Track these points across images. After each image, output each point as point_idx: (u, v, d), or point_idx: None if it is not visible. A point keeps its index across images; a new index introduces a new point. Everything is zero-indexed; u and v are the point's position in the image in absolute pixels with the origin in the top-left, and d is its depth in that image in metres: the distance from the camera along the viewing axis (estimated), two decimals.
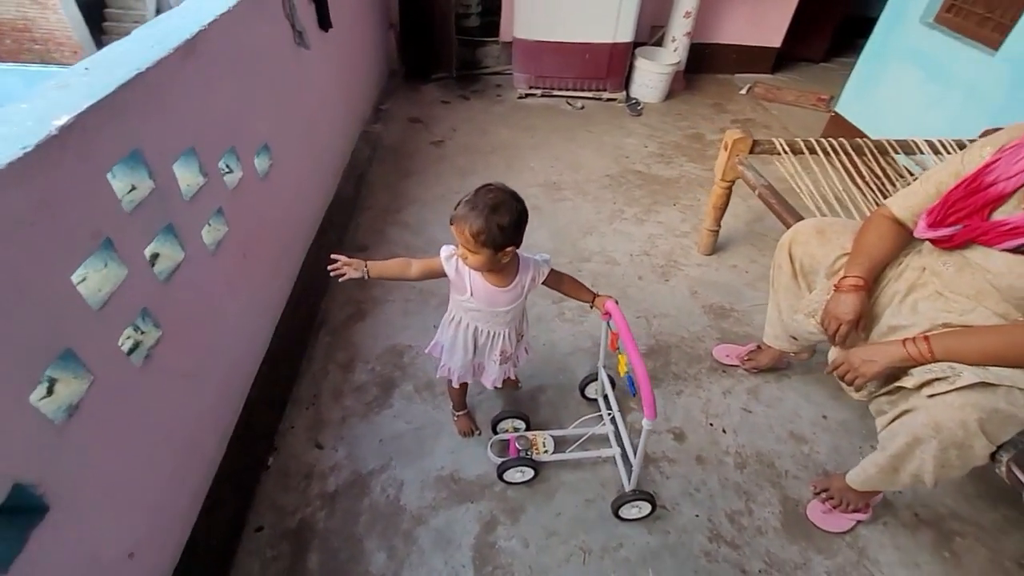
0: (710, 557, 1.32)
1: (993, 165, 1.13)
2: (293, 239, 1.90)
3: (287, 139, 1.80)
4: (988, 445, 1.01)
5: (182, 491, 1.18)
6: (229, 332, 1.38)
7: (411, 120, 3.33)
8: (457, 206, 1.09)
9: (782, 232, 2.47)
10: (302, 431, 1.54)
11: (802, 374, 1.80)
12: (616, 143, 3.21)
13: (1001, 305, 1.10)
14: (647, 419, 1.12)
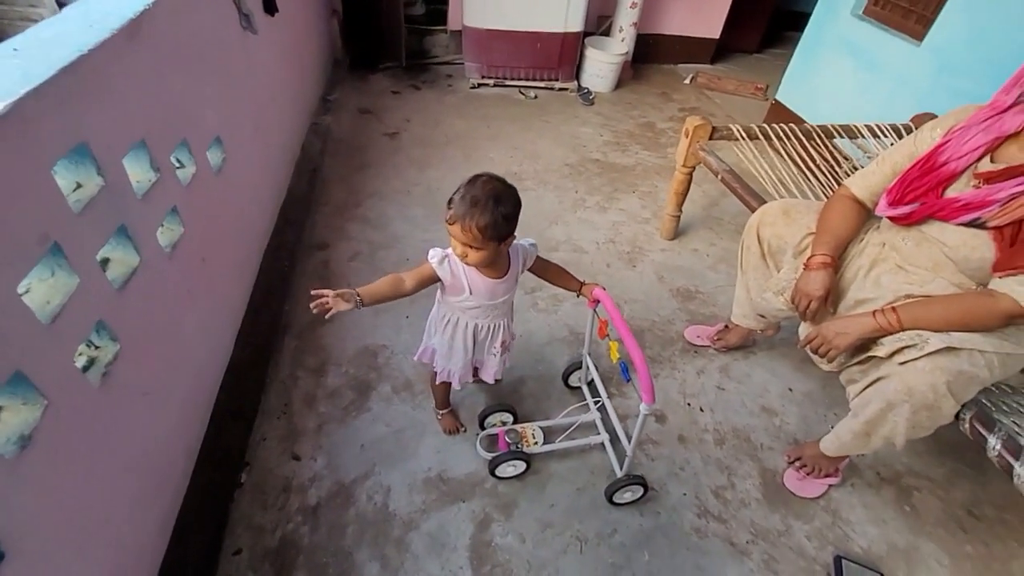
0: (700, 533, 1.36)
1: (944, 146, 1.21)
2: (250, 240, 1.78)
3: (238, 131, 1.67)
4: (955, 405, 1.09)
5: (149, 519, 1.07)
6: (190, 343, 1.26)
7: (361, 111, 3.20)
8: (451, 204, 1.04)
9: (737, 216, 2.61)
10: (275, 443, 1.44)
11: (767, 350, 1.89)
12: (572, 132, 3.22)
13: (957, 275, 1.19)
14: (645, 404, 1.12)
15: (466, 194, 1.03)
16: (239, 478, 1.34)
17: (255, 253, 1.82)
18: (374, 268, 2.06)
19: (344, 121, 3.07)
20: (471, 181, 1.05)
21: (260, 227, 1.90)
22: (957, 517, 1.46)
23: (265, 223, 1.96)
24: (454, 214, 1.03)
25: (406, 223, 2.33)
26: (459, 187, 1.06)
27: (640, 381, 1.10)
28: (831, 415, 1.69)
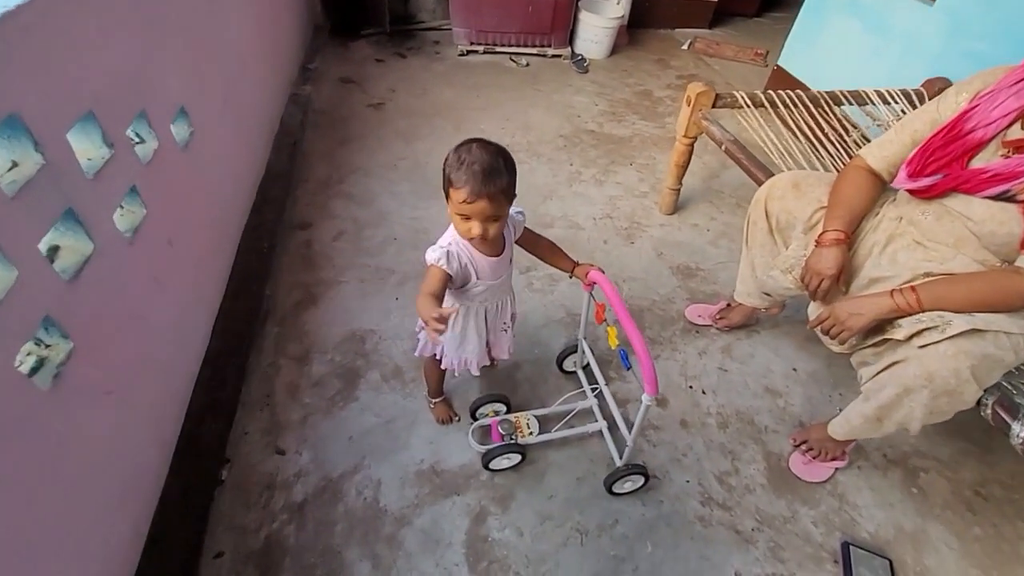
0: (704, 522, 1.31)
1: (971, 112, 1.12)
2: (225, 220, 1.67)
3: (207, 102, 1.54)
4: (978, 390, 1.03)
5: (119, 526, 1.00)
6: (159, 334, 1.17)
7: (343, 80, 3.03)
8: (457, 184, 0.94)
9: (739, 188, 2.51)
10: (258, 437, 1.37)
11: (771, 329, 1.82)
12: (566, 102, 3.08)
13: (980, 252, 1.11)
14: (648, 395, 1.05)
15: (472, 164, 0.93)
16: (220, 475, 1.27)
17: (231, 234, 1.71)
18: (359, 248, 1.96)
19: (325, 91, 2.90)
20: (463, 152, 0.95)
21: (236, 206, 1.78)
22: (965, 498, 1.42)
23: (242, 202, 1.84)
24: (472, 191, 0.92)
25: (393, 199, 2.22)
26: (450, 164, 0.96)
27: (643, 371, 1.03)
28: (836, 395, 1.63)
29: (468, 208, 0.95)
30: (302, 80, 2.87)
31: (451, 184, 0.95)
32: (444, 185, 0.99)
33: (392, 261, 1.92)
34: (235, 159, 1.79)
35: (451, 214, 1.01)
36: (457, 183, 0.94)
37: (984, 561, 1.29)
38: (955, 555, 1.30)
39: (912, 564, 1.28)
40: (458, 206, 0.96)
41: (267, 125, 2.24)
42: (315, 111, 2.72)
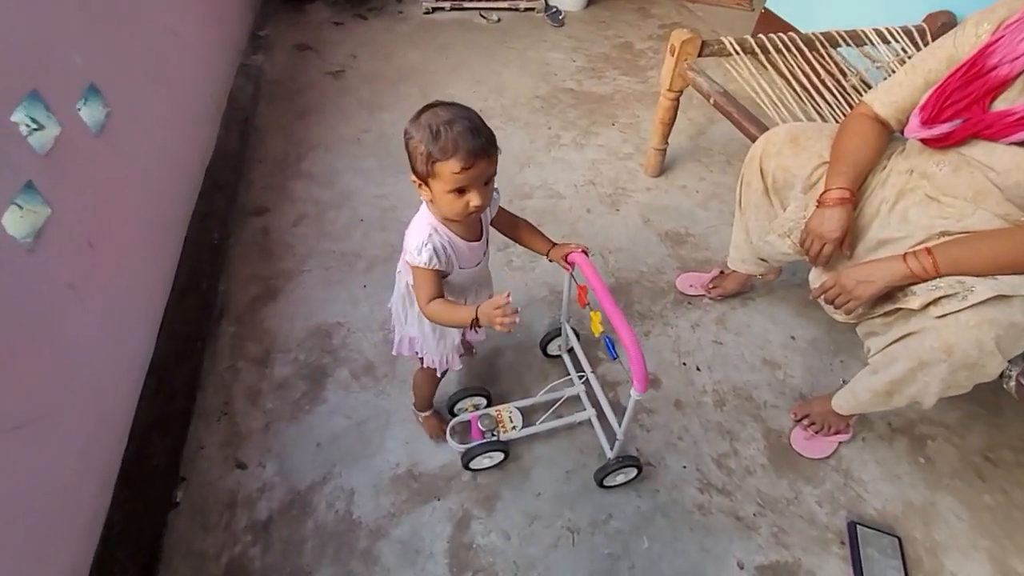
0: (704, 510, 1.23)
1: (994, 46, 0.98)
2: (165, 211, 1.50)
3: (126, 77, 1.35)
4: (1002, 363, 0.93)
5: (51, 570, 0.88)
6: (82, 349, 1.03)
7: (299, 47, 2.79)
8: (436, 150, 0.79)
9: (728, 144, 2.35)
10: (215, 450, 1.25)
11: (767, 295, 1.71)
12: (541, 59, 2.87)
13: (1003, 206, 0.99)
14: (637, 391, 0.94)
15: (450, 125, 0.79)
16: (173, 497, 1.16)
17: (174, 226, 1.54)
18: (322, 232, 1.80)
19: (279, 60, 2.67)
20: (430, 119, 0.81)
21: (178, 194, 1.61)
22: (974, 465, 1.35)
23: (185, 189, 1.66)
24: (468, 153, 0.79)
25: (358, 176, 2.04)
26: (421, 139, 0.81)
27: (631, 367, 0.91)
28: (838, 363, 1.54)
29: (465, 177, 0.81)
30: (252, 49, 2.62)
31: (435, 159, 0.81)
32: (420, 166, 0.83)
33: (358, 245, 1.77)
34: (173, 141, 1.61)
35: (435, 197, 0.86)
36: (444, 153, 0.80)
37: (995, 530, 1.23)
38: (965, 527, 1.23)
39: (922, 540, 1.21)
40: (452, 180, 0.82)
41: (212, 101, 2.03)
42: (268, 83, 2.50)
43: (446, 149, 0.79)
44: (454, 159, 0.80)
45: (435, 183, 0.84)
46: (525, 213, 1.90)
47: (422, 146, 0.81)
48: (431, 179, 0.84)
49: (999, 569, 1.16)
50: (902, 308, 1.02)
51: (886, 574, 1.13)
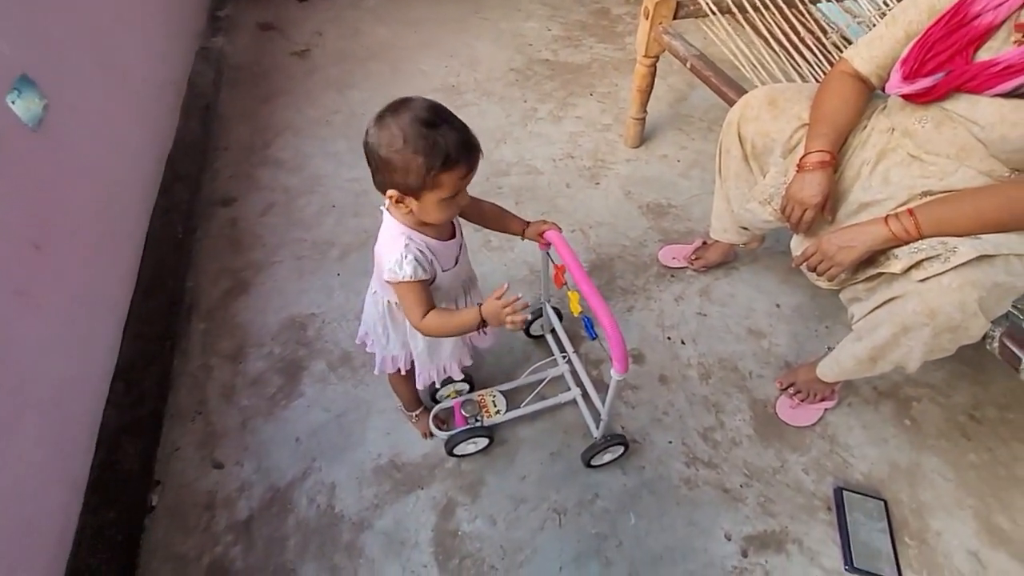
0: (690, 484, 1.22)
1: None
2: (122, 206, 1.43)
3: (65, 66, 1.27)
4: (985, 324, 0.91)
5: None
6: (36, 356, 0.98)
7: (261, 27, 2.67)
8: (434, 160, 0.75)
9: (709, 111, 2.29)
10: (191, 451, 1.22)
11: (750, 264, 1.69)
12: (515, 30, 2.77)
13: (987, 162, 0.96)
14: (617, 373, 0.91)
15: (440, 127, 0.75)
16: (148, 502, 1.13)
17: (135, 222, 1.48)
18: (292, 220, 1.74)
19: (241, 42, 2.55)
20: (412, 124, 0.74)
21: (137, 188, 1.54)
22: (959, 424, 1.35)
23: (144, 182, 1.59)
24: (470, 158, 0.77)
25: (328, 160, 1.97)
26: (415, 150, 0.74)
27: (611, 348, 0.88)
28: (823, 329, 1.53)
29: (466, 180, 0.80)
30: (211, 31, 2.51)
31: (440, 170, 0.75)
32: (415, 180, 0.76)
33: (331, 233, 1.72)
34: (125, 132, 1.53)
35: (423, 207, 0.81)
36: (449, 161, 0.75)
37: (981, 488, 1.23)
38: (951, 486, 1.24)
39: (908, 502, 1.21)
40: (455, 186, 0.78)
41: (170, 88, 1.94)
42: (230, 66, 2.40)
43: (450, 157, 0.75)
44: (460, 165, 0.76)
45: (430, 194, 0.78)
46: (502, 191, 1.89)
47: (419, 159, 0.74)
48: (427, 192, 0.78)
49: (984, 527, 1.17)
50: (884, 272, 0.99)
51: (872, 537, 1.14)
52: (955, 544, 1.14)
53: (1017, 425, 1.34)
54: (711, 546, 1.14)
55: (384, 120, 0.76)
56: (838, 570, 1.10)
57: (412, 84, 2.36)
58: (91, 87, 1.37)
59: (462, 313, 0.89)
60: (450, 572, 1.08)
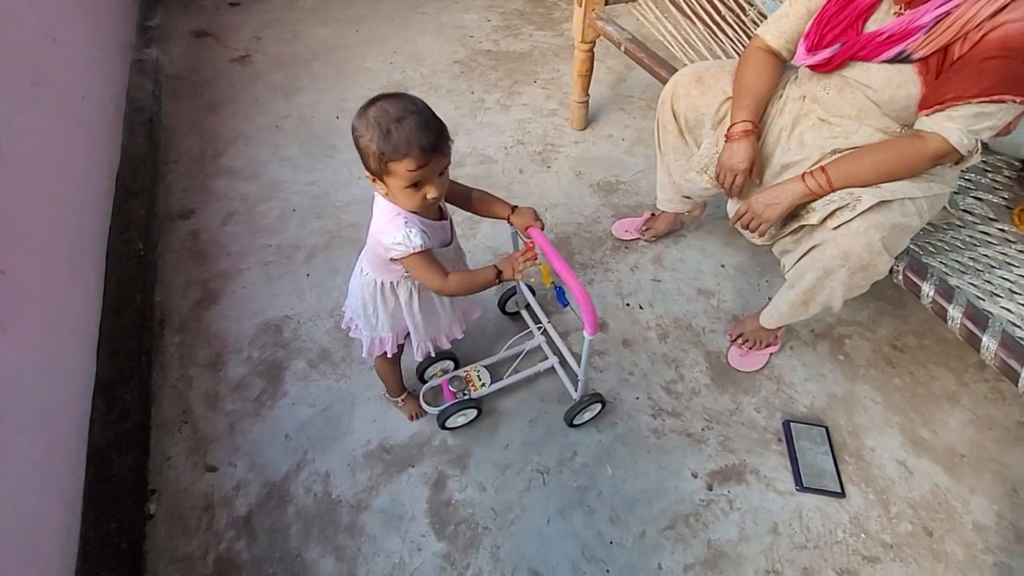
0: (658, 433, 1.35)
1: None
2: (78, 226, 1.42)
3: (6, 88, 1.24)
4: (890, 260, 1.05)
5: None
6: (14, 381, 0.99)
7: (196, 35, 2.61)
8: (389, 148, 0.79)
9: (647, 90, 2.42)
10: (182, 459, 1.25)
11: (695, 230, 1.82)
12: (455, 22, 2.81)
13: (882, 120, 1.10)
14: (588, 334, 1.01)
15: (402, 120, 0.80)
16: (147, 510, 1.16)
17: (92, 241, 1.47)
18: (255, 227, 1.76)
19: (176, 51, 2.50)
20: (377, 114, 0.81)
21: (89, 207, 1.52)
22: (884, 354, 1.53)
23: (97, 201, 1.57)
24: (423, 150, 0.80)
25: (284, 166, 1.98)
26: (371, 138, 0.80)
27: (582, 313, 0.98)
28: (763, 283, 1.68)
29: (420, 173, 0.82)
30: (144, 42, 2.44)
31: (388, 158, 0.81)
32: (374, 164, 0.83)
33: (295, 236, 1.74)
34: (70, 152, 1.51)
35: (392, 192, 0.87)
36: (398, 152, 0.80)
37: (905, 407, 1.41)
38: (880, 408, 1.40)
39: (845, 425, 1.37)
40: (408, 177, 0.82)
41: (109, 103, 1.90)
42: (169, 77, 2.35)
43: (400, 147, 0.79)
44: (410, 157, 0.80)
45: (391, 180, 0.84)
46: (459, 181, 1.95)
47: (373, 145, 0.80)
48: (386, 176, 0.84)
49: (909, 439, 1.34)
50: (806, 225, 1.13)
51: (817, 460, 1.29)
52: (886, 456, 1.31)
53: (932, 350, 1.53)
54: (680, 485, 1.26)
55: (365, 108, 0.83)
56: (790, 491, 1.25)
57: (358, 83, 2.38)
58: (29, 106, 1.34)
59: (479, 271, 0.99)
60: (447, 538, 1.16)
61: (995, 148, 1.38)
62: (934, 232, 1.22)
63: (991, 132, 0.98)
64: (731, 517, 1.21)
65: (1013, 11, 0.89)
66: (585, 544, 1.16)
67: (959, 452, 1.31)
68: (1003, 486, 1.25)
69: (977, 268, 1.13)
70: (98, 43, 1.98)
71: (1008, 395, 1.41)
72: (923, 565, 1.14)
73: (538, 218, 1.12)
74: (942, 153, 0.99)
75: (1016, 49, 0.89)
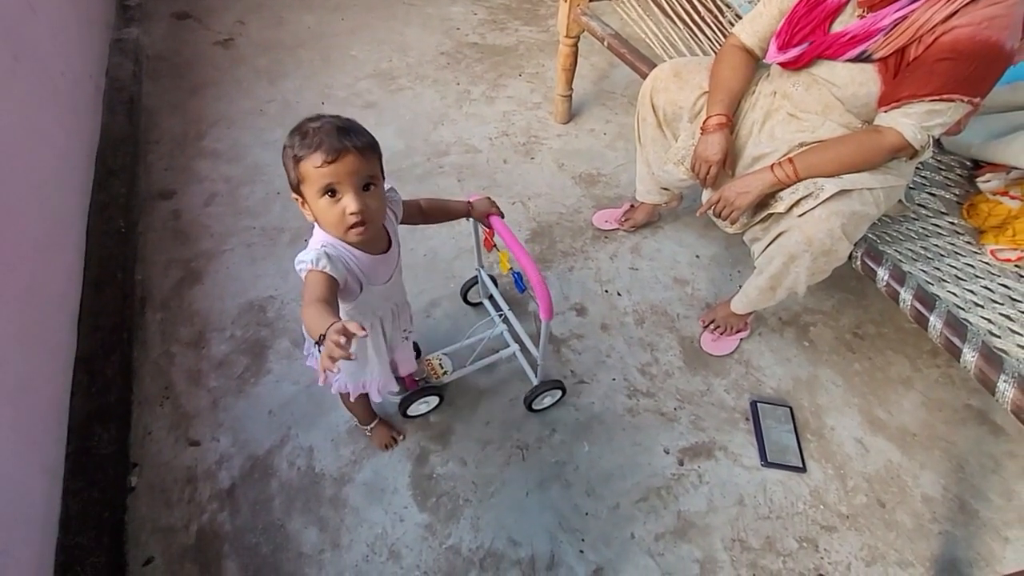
0: (633, 412, 1.40)
1: None
2: (58, 204, 1.41)
3: None
4: (849, 246, 1.13)
5: (18, 567, 0.89)
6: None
7: (177, 16, 2.58)
8: (300, 150, 0.76)
9: (629, 86, 2.48)
10: (164, 433, 1.26)
11: (673, 222, 1.89)
12: (442, 14, 2.83)
13: (845, 116, 1.17)
14: (544, 319, 1.05)
15: (315, 127, 0.77)
16: (128, 483, 1.16)
17: (71, 219, 1.46)
18: (238, 209, 1.76)
19: (157, 32, 2.47)
20: (301, 125, 0.79)
21: (69, 184, 1.51)
22: (846, 341, 1.61)
23: (77, 178, 1.56)
24: (329, 148, 0.74)
25: (267, 150, 1.98)
26: (290, 146, 0.78)
27: (538, 298, 1.02)
28: (735, 273, 1.75)
29: (331, 172, 0.75)
30: (124, 22, 2.40)
31: (299, 159, 0.76)
32: (292, 173, 0.78)
33: (279, 219, 1.75)
34: (52, 128, 1.49)
35: (315, 211, 0.80)
36: (306, 150, 0.75)
37: (864, 390, 1.49)
38: (841, 391, 1.49)
39: (808, 406, 1.45)
40: (318, 177, 0.75)
41: (88, 81, 1.87)
42: (150, 58, 2.32)
43: (309, 144, 0.75)
44: (317, 153, 0.74)
45: (306, 189, 0.78)
46: (444, 169, 1.99)
47: (290, 149, 0.77)
48: (303, 186, 0.78)
49: (867, 419, 1.43)
50: (773, 213, 1.19)
51: (782, 437, 1.36)
52: (845, 435, 1.39)
53: (890, 337, 1.62)
54: (653, 460, 1.32)
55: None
56: (756, 466, 1.32)
57: (345, 70, 2.39)
58: (11, 82, 1.33)
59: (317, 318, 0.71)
60: (429, 509, 1.20)
61: (948, 148, 1.48)
62: (891, 223, 1.30)
63: (942, 128, 1.06)
64: (700, 490, 1.27)
65: (963, 16, 0.97)
66: (562, 515, 1.21)
67: (911, 431, 1.40)
68: (950, 462, 1.34)
69: (928, 256, 1.21)
70: (77, 18, 1.95)
71: (957, 380, 1.51)
72: (876, 534, 1.22)
73: (495, 205, 1.12)
74: (898, 147, 1.06)
75: (964, 52, 0.97)
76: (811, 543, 1.20)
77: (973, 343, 1.00)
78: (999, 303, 1.11)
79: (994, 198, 1.29)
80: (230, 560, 1.09)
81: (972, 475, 1.32)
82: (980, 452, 1.36)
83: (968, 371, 1.01)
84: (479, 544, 1.16)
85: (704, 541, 1.19)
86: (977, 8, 0.96)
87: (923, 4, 0.99)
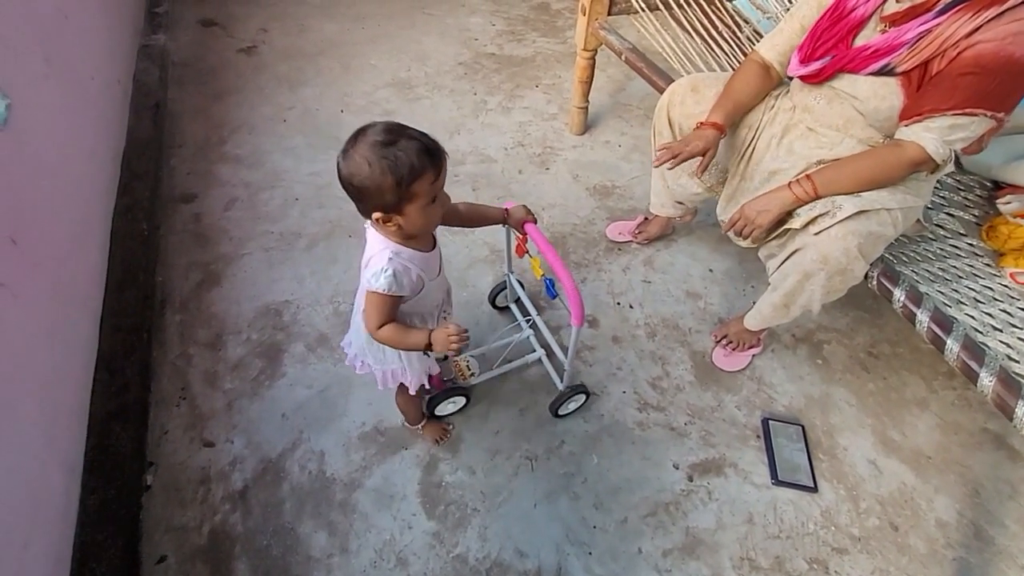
0: (642, 426, 1.40)
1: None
2: (85, 204, 1.45)
3: (22, 63, 1.27)
4: (865, 265, 1.12)
5: (34, 561, 0.91)
6: (23, 346, 1.02)
7: (203, 24, 2.65)
8: (407, 172, 0.79)
9: (645, 99, 2.49)
10: (180, 433, 1.28)
11: (686, 235, 1.89)
12: (460, 24, 2.87)
13: (866, 131, 1.17)
14: (575, 325, 1.06)
15: (400, 141, 0.79)
16: (144, 481, 1.18)
17: (98, 220, 1.50)
18: (257, 214, 1.79)
19: (184, 39, 2.53)
20: (367, 151, 0.79)
21: (96, 185, 1.55)
22: (860, 360, 1.60)
23: (103, 180, 1.60)
24: (436, 162, 0.81)
25: (287, 156, 2.02)
26: (384, 169, 0.78)
27: (570, 305, 1.03)
28: (749, 288, 1.74)
29: (440, 182, 0.84)
30: (152, 28, 2.46)
31: (409, 180, 0.79)
32: (391, 197, 0.80)
33: (297, 224, 1.78)
34: (80, 131, 1.53)
35: (410, 219, 0.84)
36: (415, 171, 0.79)
37: (878, 410, 1.47)
38: (854, 410, 1.47)
39: (820, 425, 1.43)
40: (431, 191, 0.82)
41: (116, 86, 1.92)
42: (176, 64, 2.38)
43: (415, 167, 0.79)
44: (429, 171, 0.80)
45: (411, 206, 0.82)
46: (459, 179, 2.01)
47: (388, 178, 0.78)
48: (406, 204, 0.82)
49: (880, 440, 1.41)
50: (790, 229, 1.19)
51: (793, 456, 1.35)
52: (858, 455, 1.38)
53: (905, 358, 1.60)
54: (662, 475, 1.31)
55: (348, 153, 0.81)
56: (766, 484, 1.31)
57: (364, 79, 2.43)
58: (44, 85, 1.37)
59: (414, 333, 0.92)
60: (437, 517, 1.20)
61: (968, 168, 1.46)
62: (908, 243, 1.29)
63: (964, 143, 1.05)
64: (709, 507, 1.26)
65: (987, 32, 0.97)
66: (569, 528, 1.21)
67: (926, 454, 1.38)
68: (965, 487, 1.32)
69: (945, 278, 1.20)
70: (107, 25, 2.01)
71: (974, 403, 1.49)
72: (888, 557, 1.21)
73: (531, 213, 1.16)
74: (919, 161, 1.06)
75: (987, 67, 0.97)
76: (821, 565, 1.19)
77: (991, 368, 0.99)
78: (1018, 327, 1.10)
79: (1015, 220, 1.27)
80: (241, 562, 1.11)
81: (988, 500, 1.29)
82: (997, 477, 1.34)
83: (985, 396, 1.00)
84: (486, 554, 1.16)
85: (712, 559, 1.18)
86: (1001, 23, 0.95)
87: (947, 19, 1.00)
